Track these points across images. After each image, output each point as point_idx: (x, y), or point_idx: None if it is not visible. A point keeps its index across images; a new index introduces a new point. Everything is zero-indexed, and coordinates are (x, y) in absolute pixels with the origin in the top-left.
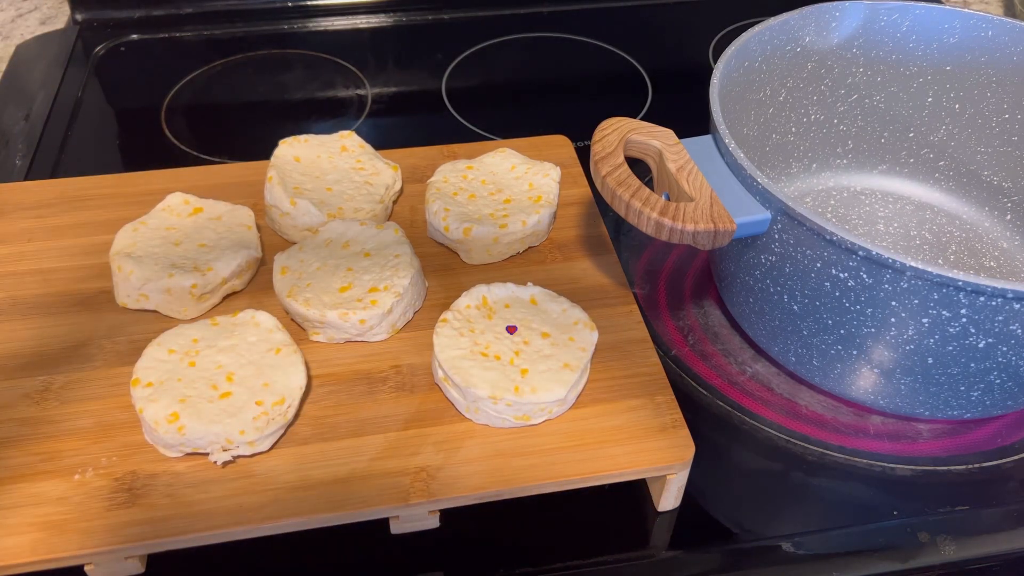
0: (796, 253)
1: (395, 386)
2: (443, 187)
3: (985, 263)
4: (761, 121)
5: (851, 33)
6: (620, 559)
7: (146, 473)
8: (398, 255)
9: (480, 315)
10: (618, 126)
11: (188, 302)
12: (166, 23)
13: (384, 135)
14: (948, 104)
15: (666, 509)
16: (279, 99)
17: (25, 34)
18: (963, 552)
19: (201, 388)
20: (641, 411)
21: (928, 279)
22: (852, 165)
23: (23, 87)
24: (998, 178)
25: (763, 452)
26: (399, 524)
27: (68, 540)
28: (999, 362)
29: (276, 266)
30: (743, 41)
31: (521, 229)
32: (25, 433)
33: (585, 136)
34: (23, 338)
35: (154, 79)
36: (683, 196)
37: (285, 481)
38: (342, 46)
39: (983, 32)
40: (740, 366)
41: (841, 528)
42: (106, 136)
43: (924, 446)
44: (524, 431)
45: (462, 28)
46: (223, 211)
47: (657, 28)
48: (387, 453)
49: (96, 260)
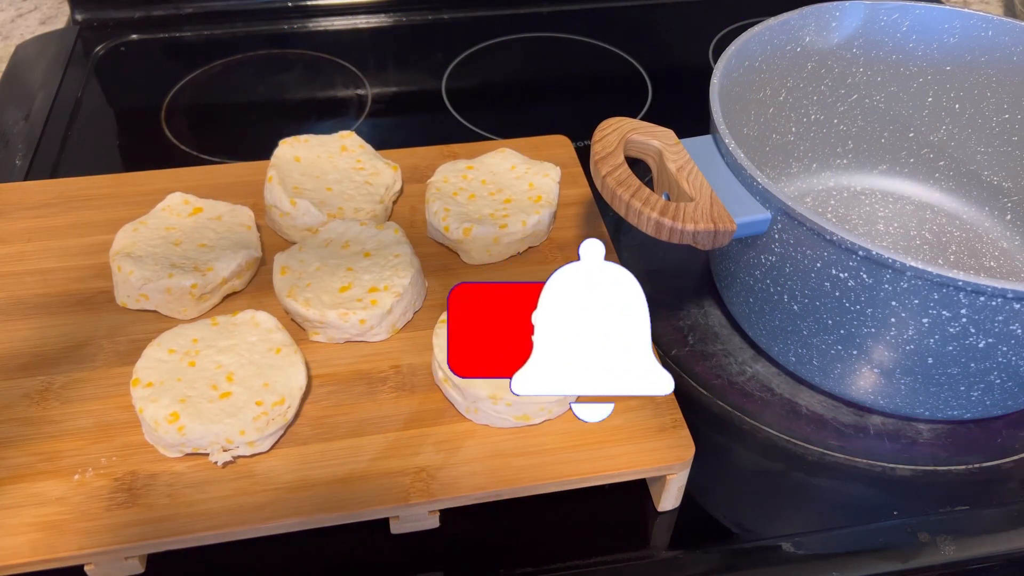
0: (796, 253)
1: (395, 386)
2: (443, 187)
3: (985, 263)
4: (761, 121)
5: (851, 33)
6: (620, 559)
7: (146, 473)
8: (398, 255)
9: None
10: (618, 126)
11: (188, 302)
12: (166, 23)
13: (384, 135)
14: (948, 104)
15: (666, 509)
16: (279, 99)
17: (25, 34)
18: (963, 552)
19: (201, 388)
20: (641, 411)
21: (928, 279)
22: (852, 165)
23: (23, 87)
24: (998, 178)
25: (763, 452)
26: (399, 524)
27: (68, 540)
28: (999, 362)
29: (276, 266)
30: (743, 41)
31: (521, 229)
32: (25, 433)
33: (585, 136)
34: (23, 338)
35: (154, 79)
36: (683, 196)
37: (285, 481)
38: (342, 46)
39: (983, 32)
40: (740, 366)
41: (841, 528)
42: (106, 136)
43: (924, 446)
44: (524, 431)
45: (462, 28)
46: (223, 211)
47: (657, 28)
48: (387, 453)
49: (96, 260)
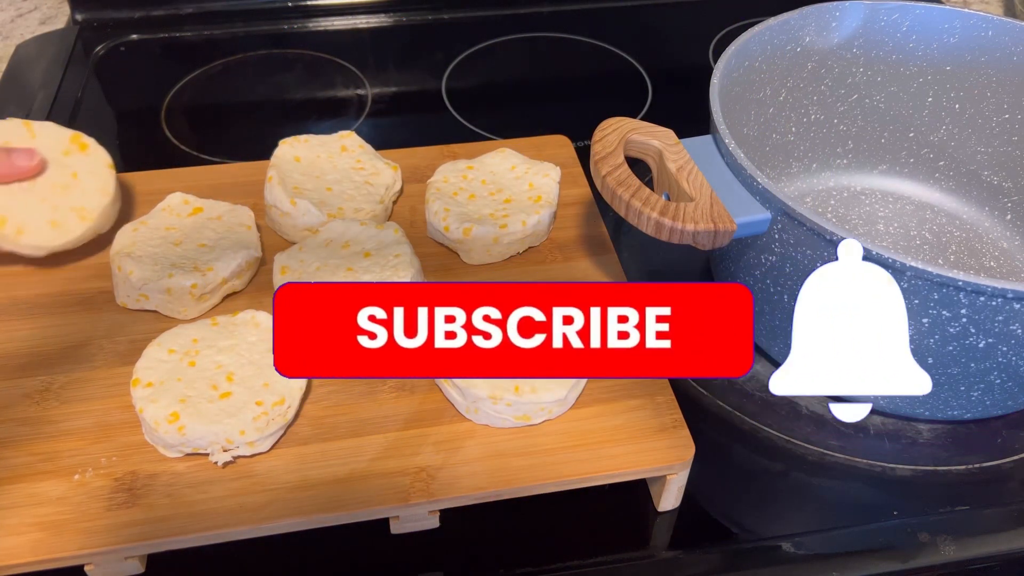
0: (796, 253)
1: (395, 386)
2: (443, 187)
3: (985, 263)
4: (761, 121)
5: (851, 33)
6: (620, 559)
7: (146, 473)
8: (398, 255)
9: None
10: (618, 126)
11: (188, 302)
12: (166, 23)
13: (384, 135)
14: (948, 104)
15: (666, 509)
16: (279, 99)
17: (25, 34)
18: (963, 552)
19: (201, 388)
20: (641, 411)
21: (928, 279)
22: (852, 165)
23: (23, 87)
24: (998, 178)
25: (763, 452)
26: (399, 524)
27: (68, 540)
28: (999, 362)
29: (276, 266)
30: (743, 41)
31: (521, 229)
32: (25, 433)
33: (585, 136)
34: (23, 338)
35: (154, 79)
36: (683, 196)
37: (285, 481)
38: (342, 46)
39: (983, 32)
40: None
41: (841, 528)
42: (106, 136)
43: (924, 446)
44: (524, 431)
45: (462, 28)
46: (223, 211)
47: (657, 28)
48: (387, 453)
49: (96, 260)
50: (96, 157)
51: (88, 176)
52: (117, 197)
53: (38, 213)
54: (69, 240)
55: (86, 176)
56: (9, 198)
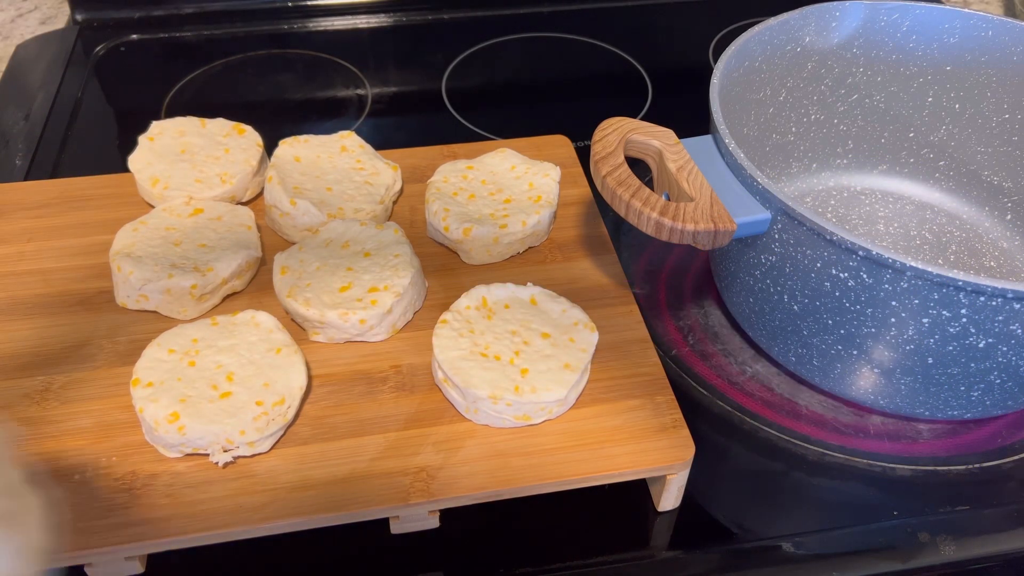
0: (796, 253)
1: (395, 386)
2: (443, 187)
3: (985, 263)
4: (761, 121)
5: (851, 33)
6: (620, 559)
7: (146, 473)
8: (398, 255)
9: (480, 316)
10: (618, 126)
11: (188, 302)
12: (166, 23)
13: (384, 135)
14: (948, 104)
15: (666, 509)
16: (279, 99)
17: (25, 34)
18: (963, 552)
19: (201, 388)
20: (641, 411)
21: (928, 279)
22: (852, 165)
23: (23, 87)
24: (998, 178)
25: (763, 452)
26: (399, 524)
27: (67, 540)
28: (999, 362)
29: (276, 266)
30: (743, 41)
31: (521, 229)
32: (25, 433)
33: (585, 136)
34: (23, 338)
35: (154, 79)
36: (683, 196)
37: (285, 481)
38: (342, 46)
39: (983, 32)
40: (740, 366)
41: (841, 528)
42: (106, 136)
43: (924, 446)
44: (524, 431)
45: (462, 28)
46: (223, 211)
47: (657, 28)
48: (387, 453)
49: (96, 260)
50: (249, 138)
51: (237, 151)
52: (260, 170)
53: (188, 175)
54: (207, 196)
55: (236, 151)
56: (168, 165)
